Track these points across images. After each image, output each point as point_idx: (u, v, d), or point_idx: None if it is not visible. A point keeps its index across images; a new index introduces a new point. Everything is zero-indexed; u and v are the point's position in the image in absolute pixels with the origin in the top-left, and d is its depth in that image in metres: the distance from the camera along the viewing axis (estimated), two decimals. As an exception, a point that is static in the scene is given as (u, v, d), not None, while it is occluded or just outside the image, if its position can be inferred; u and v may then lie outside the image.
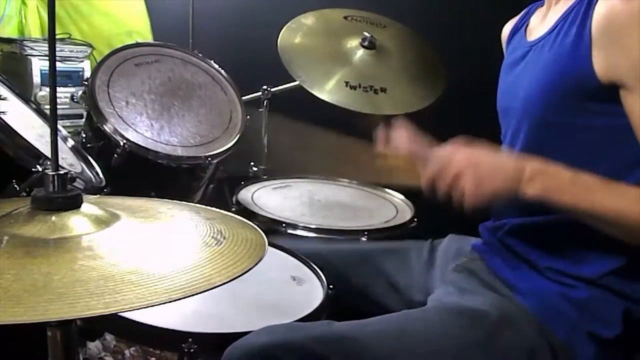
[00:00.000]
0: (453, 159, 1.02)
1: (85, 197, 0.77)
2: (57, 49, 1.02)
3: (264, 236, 0.82)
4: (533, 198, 0.99)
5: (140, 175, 1.74)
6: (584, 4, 1.02)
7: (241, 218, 0.89)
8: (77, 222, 0.73)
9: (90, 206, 0.77)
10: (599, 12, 0.98)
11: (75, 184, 1.42)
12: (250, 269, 0.71)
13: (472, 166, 1.00)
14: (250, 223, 0.87)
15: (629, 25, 0.94)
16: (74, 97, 2.29)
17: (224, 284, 0.67)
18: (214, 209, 0.92)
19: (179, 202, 0.94)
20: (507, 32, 1.33)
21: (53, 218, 0.72)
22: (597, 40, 0.98)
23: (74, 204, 0.75)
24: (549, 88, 1.05)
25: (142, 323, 1.02)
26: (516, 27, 1.29)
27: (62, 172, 0.75)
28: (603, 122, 1.00)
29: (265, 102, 2.12)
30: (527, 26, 1.25)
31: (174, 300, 0.62)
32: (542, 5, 1.21)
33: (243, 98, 1.99)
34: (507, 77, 1.21)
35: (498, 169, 1.00)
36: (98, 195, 1.37)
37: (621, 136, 0.99)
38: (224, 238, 0.77)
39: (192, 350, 0.99)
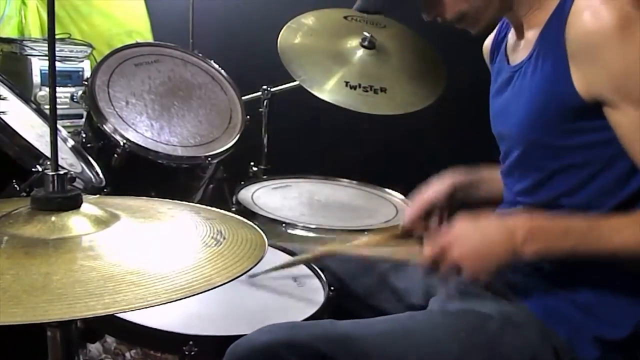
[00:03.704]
0: (446, 253, 1.02)
1: (85, 197, 0.77)
2: (57, 49, 1.02)
3: (264, 236, 0.82)
4: (533, 257, 1.00)
5: (140, 175, 1.74)
6: (555, 26, 1.01)
7: (241, 218, 0.88)
8: (76, 223, 0.73)
9: (90, 206, 0.76)
10: (571, 33, 0.97)
11: (75, 184, 1.41)
12: (250, 269, 0.71)
13: (465, 259, 1.01)
14: (250, 223, 0.87)
15: (603, 42, 0.93)
16: (74, 97, 2.29)
17: (224, 284, 0.67)
18: (214, 209, 0.92)
19: (179, 202, 0.94)
20: (488, 48, 1.31)
21: (53, 218, 0.72)
22: (573, 60, 0.98)
23: (73, 204, 0.75)
24: (538, 114, 1.05)
25: (142, 325, 1.02)
26: (496, 43, 1.26)
27: (61, 172, 0.75)
28: (596, 138, 1.00)
29: (265, 102, 2.12)
30: (506, 44, 1.22)
31: (174, 301, 0.62)
32: None
33: (243, 98, 1.99)
34: (496, 103, 1.21)
35: (490, 250, 1.01)
36: (98, 195, 1.37)
37: (615, 150, 0.98)
38: (224, 238, 0.77)
39: (192, 353, 0.99)
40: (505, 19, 1.23)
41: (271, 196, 1.85)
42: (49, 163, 1.20)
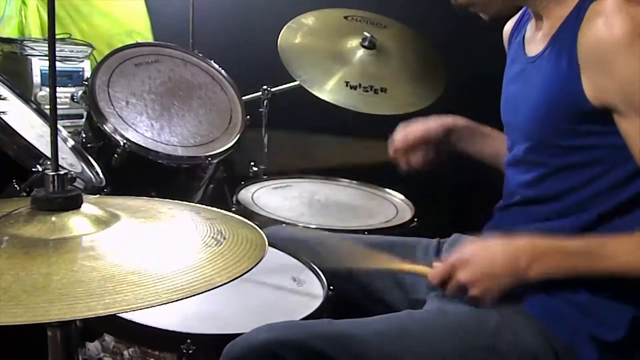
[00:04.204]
0: (453, 276, 1.06)
1: (85, 197, 0.77)
2: (57, 49, 1.02)
3: (264, 236, 0.82)
4: (538, 278, 1.03)
5: (140, 175, 1.74)
6: (571, 26, 1.01)
7: (241, 218, 0.89)
8: (77, 223, 0.72)
9: (90, 206, 0.76)
10: (583, 39, 0.98)
11: (75, 184, 1.41)
12: (250, 269, 0.71)
13: (473, 282, 1.05)
14: (250, 223, 0.87)
15: (614, 51, 0.94)
16: (74, 97, 2.29)
17: (224, 284, 0.67)
18: (214, 209, 0.92)
19: (179, 202, 0.94)
20: (508, 33, 1.31)
21: (53, 218, 0.72)
22: (584, 67, 0.98)
23: (74, 204, 0.74)
24: (546, 112, 1.06)
25: (141, 324, 1.02)
26: (515, 30, 1.27)
27: (62, 172, 0.75)
28: (601, 141, 1.01)
29: (265, 102, 2.12)
30: (524, 33, 1.23)
31: (174, 301, 0.62)
32: None
33: (243, 98, 1.99)
34: (509, 91, 1.22)
35: (497, 273, 1.04)
36: (98, 195, 1.37)
37: (619, 153, 0.99)
38: (224, 238, 0.77)
39: (190, 352, 0.99)
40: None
41: (271, 196, 1.85)
42: (49, 163, 1.20)
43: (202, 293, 0.64)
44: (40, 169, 1.25)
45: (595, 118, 0.99)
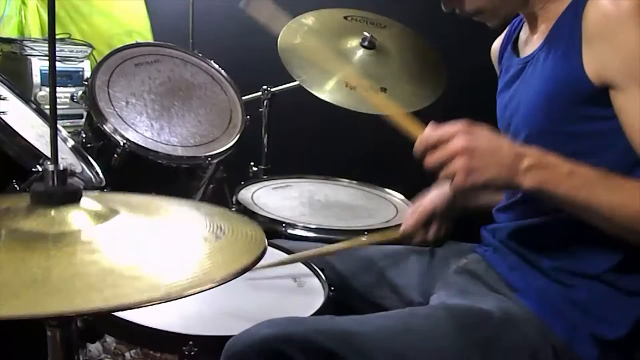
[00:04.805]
0: (452, 139, 0.97)
1: (85, 192, 0.77)
2: (57, 49, 1.02)
3: (262, 232, 0.81)
4: (529, 189, 0.97)
5: (140, 175, 1.73)
6: (573, 11, 1.03)
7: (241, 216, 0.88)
8: (76, 217, 0.72)
9: (89, 201, 0.76)
10: (588, 15, 0.99)
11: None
12: (250, 268, 0.71)
13: (468, 152, 0.95)
14: (249, 220, 0.86)
15: (619, 24, 0.95)
16: (74, 97, 2.29)
17: (223, 279, 0.66)
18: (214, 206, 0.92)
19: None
20: (497, 50, 1.32)
21: (52, 212, 0.72)
22: (587, 41, 0.99)
23: (73, 198, 0.74)
24: (548, 99, 1.06)
25: (142, 325, 1.02)
26: (505, 43, 1.28)
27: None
28: (602, 127, 1.01)
29: (265, 102, 2.12)
30: (516, 41, 1.24)
31: (173, 297, 0.62)
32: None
33: (243, 98, 1.99)
34: (505, 97, 1.21)
35: (494, 159, 0.96)
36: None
37: (621, 138, 0.99)
38: (224, 233, 0.77)
39: (192, 353, 0.98)
40: (516, 20, 1.25)
41: (271, 196, 1.85)
42: (48, 163, 1.20)
43: (200, 290, 0.64)
44: (40, 169, 1.25)
45: (596, 101, 1.00)
